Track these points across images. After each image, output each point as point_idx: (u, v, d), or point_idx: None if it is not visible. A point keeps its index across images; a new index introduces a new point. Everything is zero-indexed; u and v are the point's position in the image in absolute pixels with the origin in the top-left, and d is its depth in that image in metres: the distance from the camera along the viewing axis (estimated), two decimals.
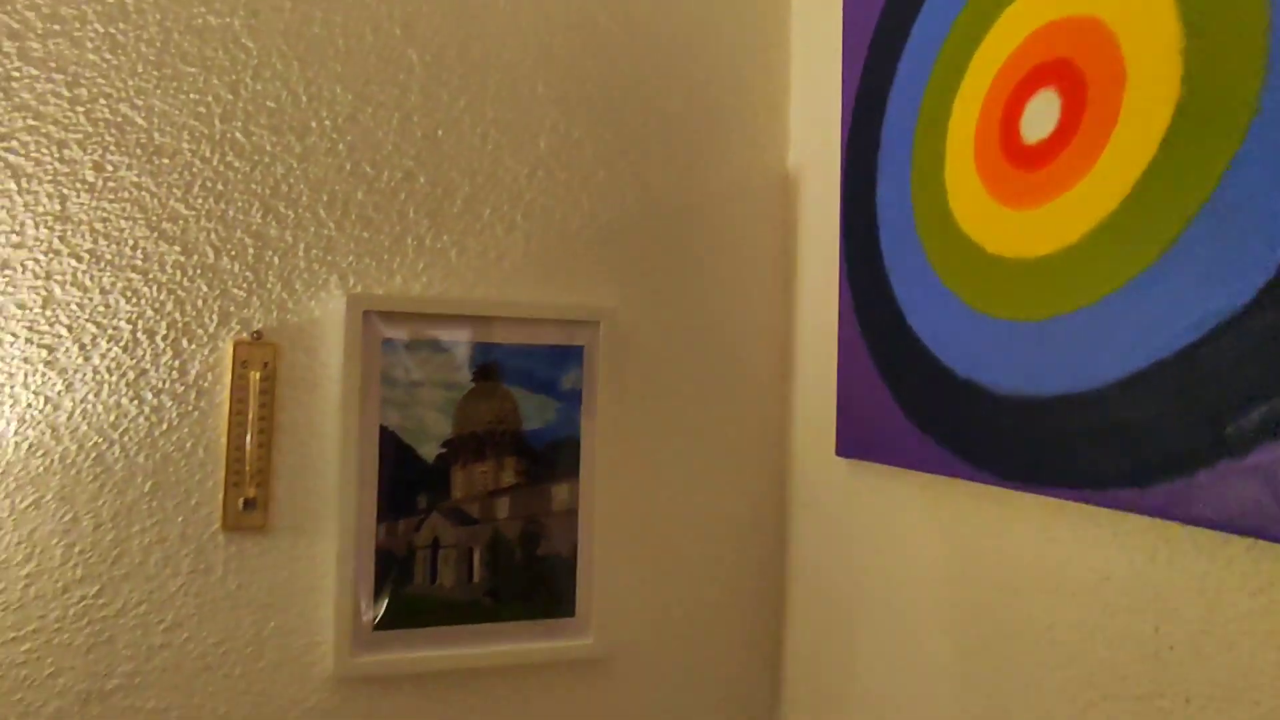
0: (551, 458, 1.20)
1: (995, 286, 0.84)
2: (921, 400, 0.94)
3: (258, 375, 1.10)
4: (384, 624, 1.12)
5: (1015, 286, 0.82)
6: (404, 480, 1.14)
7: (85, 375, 1.05)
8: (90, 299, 1.06)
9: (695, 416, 1.30)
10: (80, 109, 1.06)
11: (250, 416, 1.10)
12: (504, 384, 1.19)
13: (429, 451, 1.15)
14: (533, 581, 1.19)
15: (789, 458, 1.32)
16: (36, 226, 1.04)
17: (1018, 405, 0.81)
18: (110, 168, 1.07)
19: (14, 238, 1.04)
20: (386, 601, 1.12)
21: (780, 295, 1.36)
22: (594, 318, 1.23)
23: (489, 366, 1.19)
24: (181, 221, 1.10)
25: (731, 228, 1.33)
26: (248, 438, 1.09)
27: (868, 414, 1.03)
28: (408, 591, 1.13)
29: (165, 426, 1.08)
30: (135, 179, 1.08)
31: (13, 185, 1.04)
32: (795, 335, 1.33)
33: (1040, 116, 0.82)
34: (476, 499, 1.17)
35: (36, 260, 1.04)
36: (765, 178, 1.36)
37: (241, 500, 1.08)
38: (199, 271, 1.10)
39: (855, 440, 1.08)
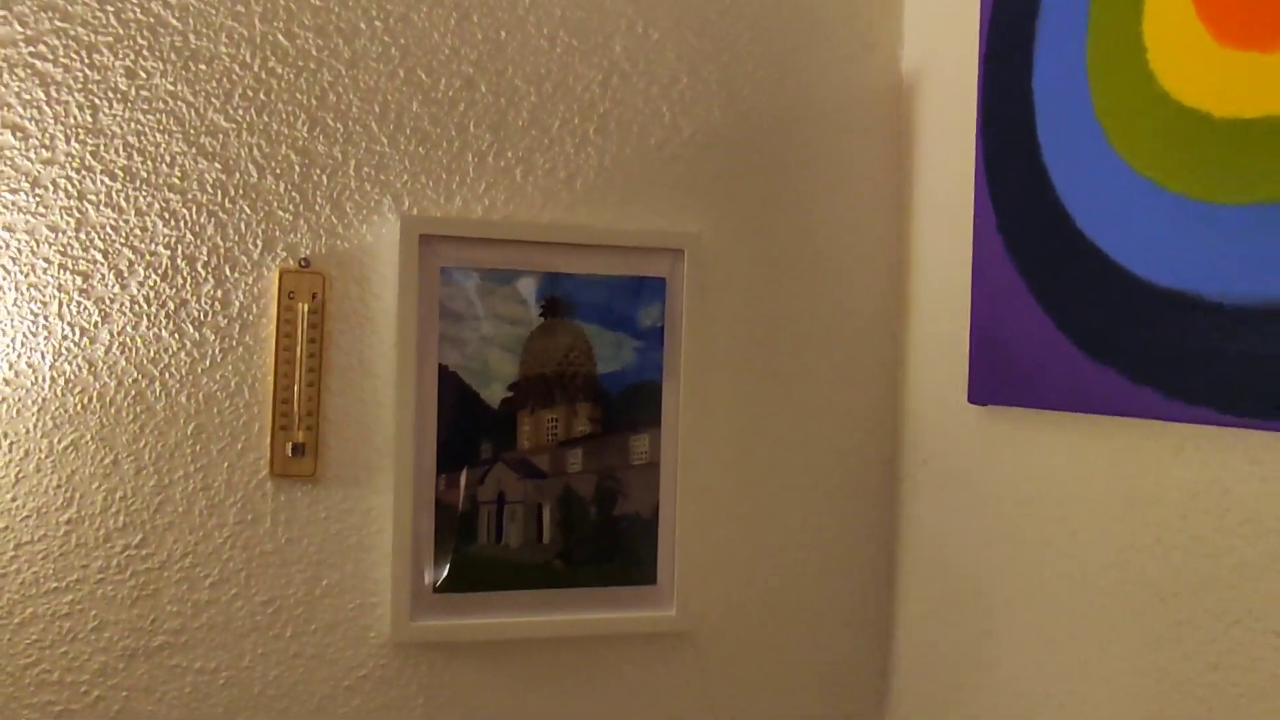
0: (629, 404, 1.05)
1: (1221, 162, 0.64)
2: (1101, 325, 0.75)
3: (305, 307, 0.99)
4: (445, 586, 1.00)
5: (1251, 159, 0.60)
6: (466, 427, 1.01)
7: (123, 305, 0.96)
8: (126, 221, 0.96)
9: (793, 359, 1.13)
10: (110, 8, 0.96)
11: (298, 353, 0.98)
12: (575, 320, 1.04)
13: (493, 395, 1.02)
14: (609, 544, 1.05)
15: (903, 406, 1.15)
16: (68, 140, 0.95)
17: (1247, 317, 0.60)
18: (143, 74, 0.97)
19: (44, 153, 0.94)
20: (449, 562, 1.01)
21: (893, 218, 1.17)
22: (677, 245, 1.07)
23: (558, 300, 1.04)
24: (221, 135, 0.98)
25: (835, 141, 1.15)
26: (296, 376, 0.98)
27: (1017, 350, 0.85)
28: (471, 551, 1.01)
29: (208, 363, 0.98)
30: (170, 87, 0.97)
31: (41, 94, 0.94)
32: (911, 264, 1.14)
33: None
34: (545, 450, 1.04)
35: (69, 178, 0.95)
36: (875, 81, 1.16)
37: (290, 445, 0.98)
38: (241, 192, 0.99)
39: (996, 383, 0.90)
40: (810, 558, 1.15)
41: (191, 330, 0.99)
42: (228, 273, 1.00)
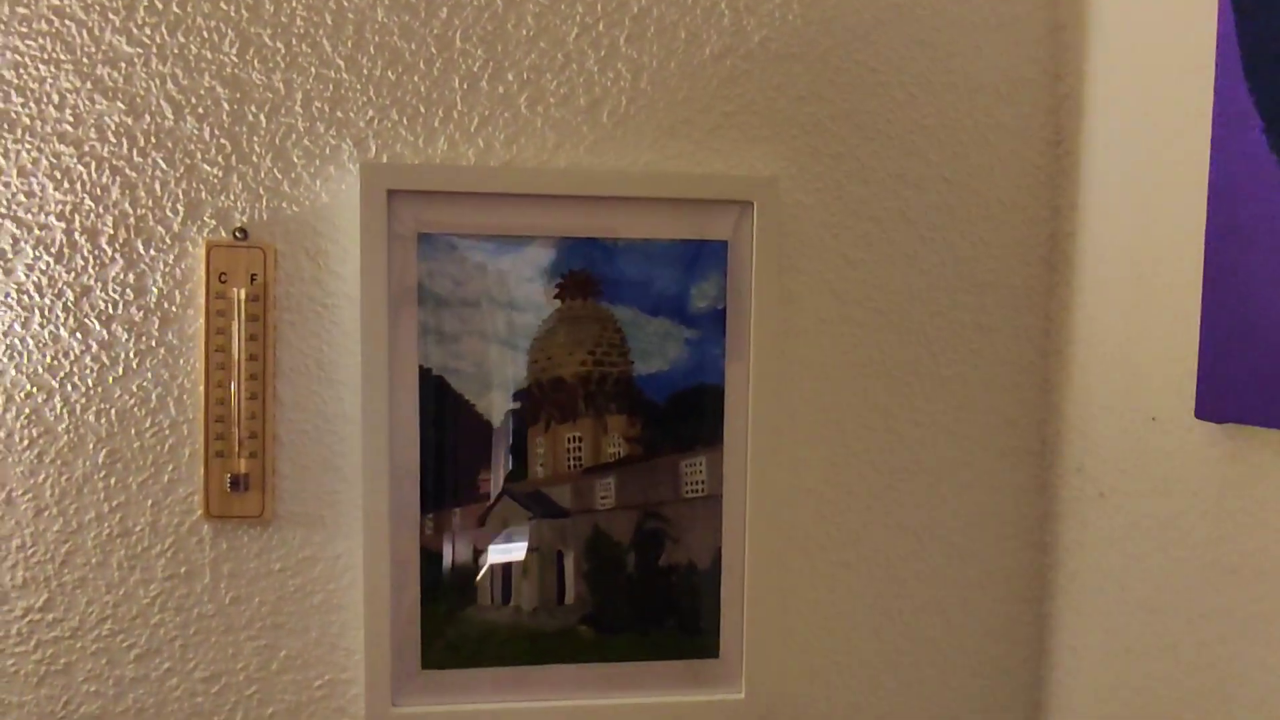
0: (679, 416, 0.77)
1: None
2: None
3: (243, 293, 0.74)
4: (437, 660, 0.76)
5: None
6: (458, 450, 0.76)
7: (7, 296, 0.73)
8: (6, 184, 0.73)
9: (905, 351, 0.82)
10: None
11: (236, 354, 0.74)
12: (604, 303, 0.76)
13: (494, 406, 0.76)
14: (654, 605, 0.78)
15: (1062, 416, 0.82)
16: None
17: None
18: None
19: None
20: (441, 629, 0.76)
21: (1048, 157, 0.83)
22: (743, 196, 0.77)
23: (582, 276, 0.76)
24: (123, 64, 0.73)
25: (963, 42, 0.82)
26: (233, 385, 0.74)
27: None
28: (470, 615, 0.76)
29: (120, 370, 0.74)
30: (55, 1, 0.72)
31: None
32: (1080, 225, 0.79)
33: None
34: (567, 479, 0.77)
35: None
36: None
37: (229, 477, 0.74)
38: (152, 140, 0.74)
39: (1251, 395, 0.56)
40: (927, 622, 0.84)
41: (97, 327, 0.75)
42: (140, 250, 0.76)
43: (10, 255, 0.75)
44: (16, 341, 0.75)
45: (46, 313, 0.76)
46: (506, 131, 0.80)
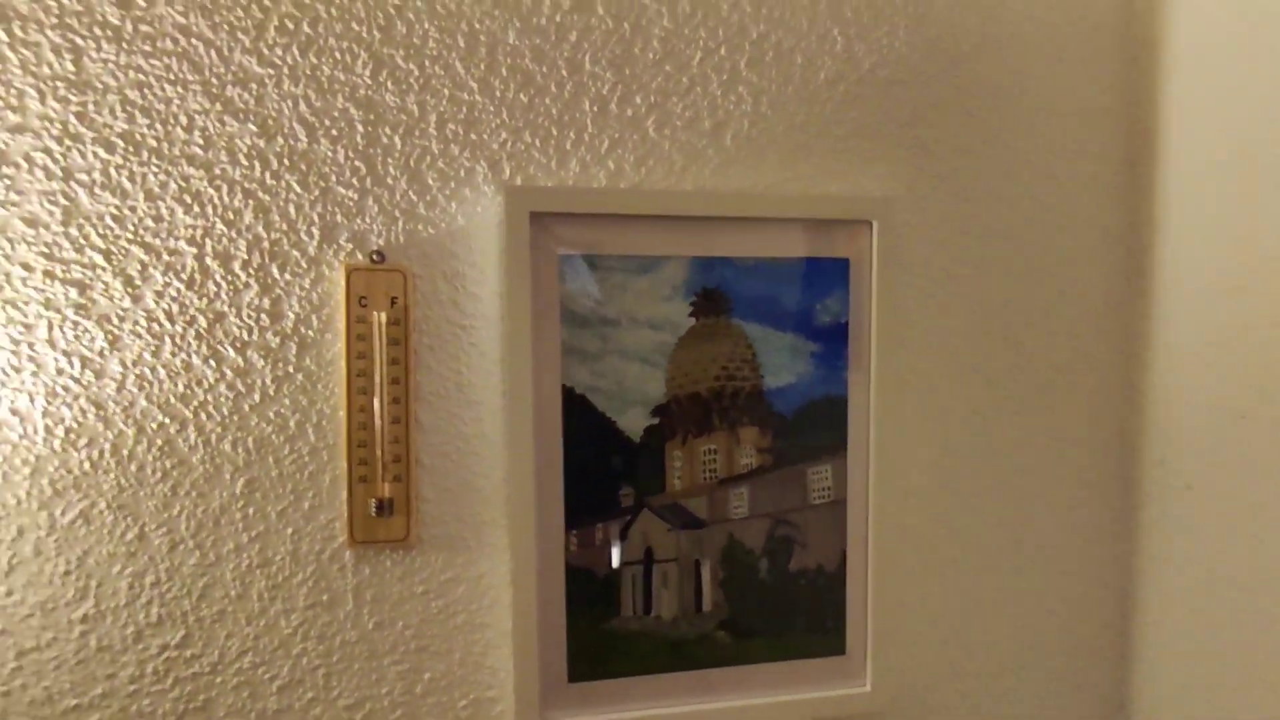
0: (806, 427, 0.78)
1: None
2: None
3: (384, 317, 0.72)
4: (583, 673, 0.75)
5: None
6: (600, 466, 0.74)
7: (136, 324, 0.69)
8: (133, 209, 0.68)
9: (1000, 359, 0.85)
10: None
11: (378, 378, 0.72)
12: (735, 319, 0.77)
13: (634, 423, 0.75)
14: (785, 608, 0.79)
15: (1143, 422, 0.85)
16: (42, 98, 0.67)
17: None
18: (142, 1, 0.68)
19: (10, 116, 0.66)
20: (586, 642, 0.76)
21: (1125, 176, 0.86)
22: (862, 215, 0.78)
23: (715, 294, 0.77)
24: (254, 85, 0.70)
25: (1044, 76, 0.84)
26: (376, 410, 0.72)
27: None
28: (613, 626, 0.76)
29: (257, 397, 0.71)
30: (180, 18, 0.69)
31: (0, 34, 0.66)
32: (1156, 238, 0.84)
33: None
34: (703, 491, 0.77)
35: (48, 150, 0.67)
36: None
37: (374, 502, 0.72)
38: (286, 162, 0.71)
39: None
40: (1024, 609, 0.86)
41: (231, 354, 0.72)
42: (275, 274, 0.72)
43: (139, 282, 0.70)
44: (147, 370, 0.70)
45: (179, 340, 0.71)
46: (635, 154, 0.78)
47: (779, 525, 0.78)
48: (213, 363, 0.70)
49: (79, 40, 0.66)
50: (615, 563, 0.75)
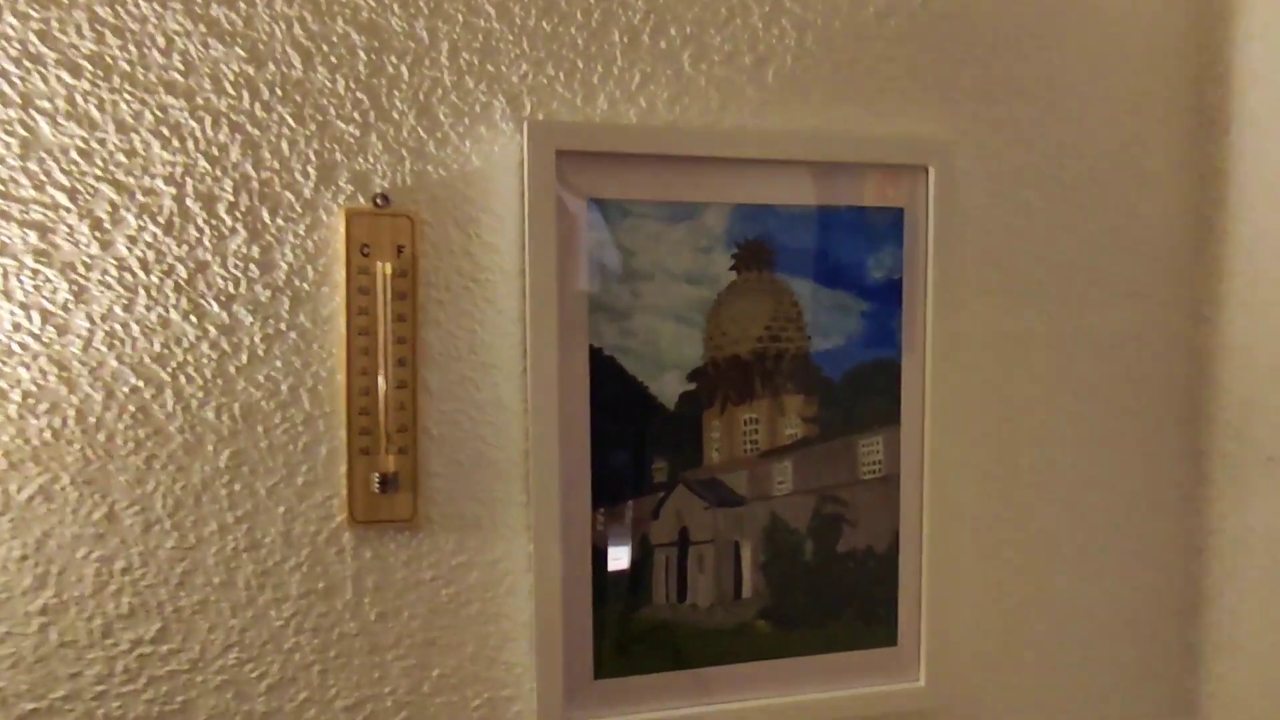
0: (856, 394, 0.71)
1: None
2: None
3: (389, 268, 0.64)
4: (611, 668, 0.67)
5: None
6: (630, 437, 0.66)
7: (106, 273, 0.60)
8: (102, 142, 0.60)
9: (1062, 321, 0.77)
10: None
11: (382, 338, 0.64)
12: (779, 274, 0.70)
13: (668, 389, 0.68)
14: (833, 594, 0.71)
15: (1218, 391, 0.78)
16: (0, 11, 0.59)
17: None
18: None
19: None
20: (615, 634, 0.68)
21: (1195, 124, 0.79)
22: (918, 160, 0.70)
23: (757, 246, 0.69)
24: (243, 4, 0.62)
25: (1113, 13, 0.77)
26: (380, 374, 0.64)
27: None
28: (643, 616, 0.68)
29: (245, 358, 0.62)
30: None
31: None
32: (1229, 192, 0.77)
33: None
34: (743, 464, 0.69)
35: (4, 73, 0.58)
36: None
37: (377, 477, 0.64)
38: (279, 92, 0.62)
39: None
40: (1087, 593, 0.79)
41: (215, 309, 0.63)
42: (265, 219, 0.64)
43: (109, 225, 0.60)
44: (118, 327, 0.61)
45: (154, 293, 0.62)
46: (669, 90, 0.69)
47: (826, 503, 0.71)
48: (193, 318, 0.61)
49: None
50: (648, 544, 0.68)
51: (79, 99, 0.59)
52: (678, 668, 0.68)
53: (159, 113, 0.60)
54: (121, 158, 0.60)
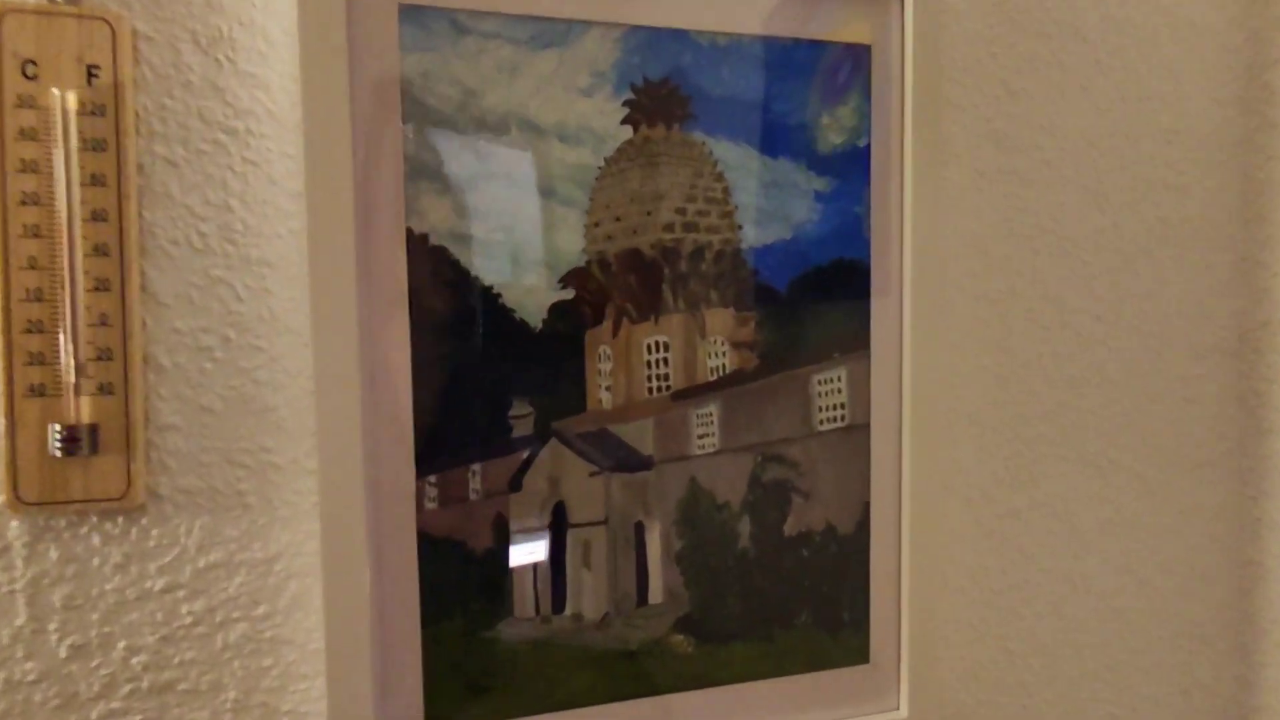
0: (809, 311, 0.50)
1: None
2: None
3: (72, 100, 0.41)
4: (448, 711, 0.47)
5: None
6: (474, 370, 0.45)
7: None
8: None
9: (1080, 219, 0.57)
10: None
11: (63, 209, 0.42)
12: (698, 133, 0.49)
13: (531, 299, 0.45)
14: (780, 594, 0.51)
15: (1276, 315, 0.61)
16: None
17: None
18: None
19: None
20: (452, 661, 0.47)
21: None
22: None
23: (664, 90, 0.48)
24: None
25: None
26: (64, 268, 0.42)
27: None
28: (500, 636, 0.46)
29: None
30: None
31: None
32: None
33: None
34: (648, 410, 0.48)
35: None
36: None
37: (60, 432, 0.42)
38: None
39: None
40: (1118, 583, 0.59)
41: None
42: None
43: None
44: None
45: None
46: None
47: (768, 465, 0.51)
48: None
49: None
50: (504, 528, 0.47)
51: None
52: (556, 708, 0.48)
53: None
54: None
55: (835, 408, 0.50)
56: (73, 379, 0.40)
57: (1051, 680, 0.59)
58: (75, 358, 0.40)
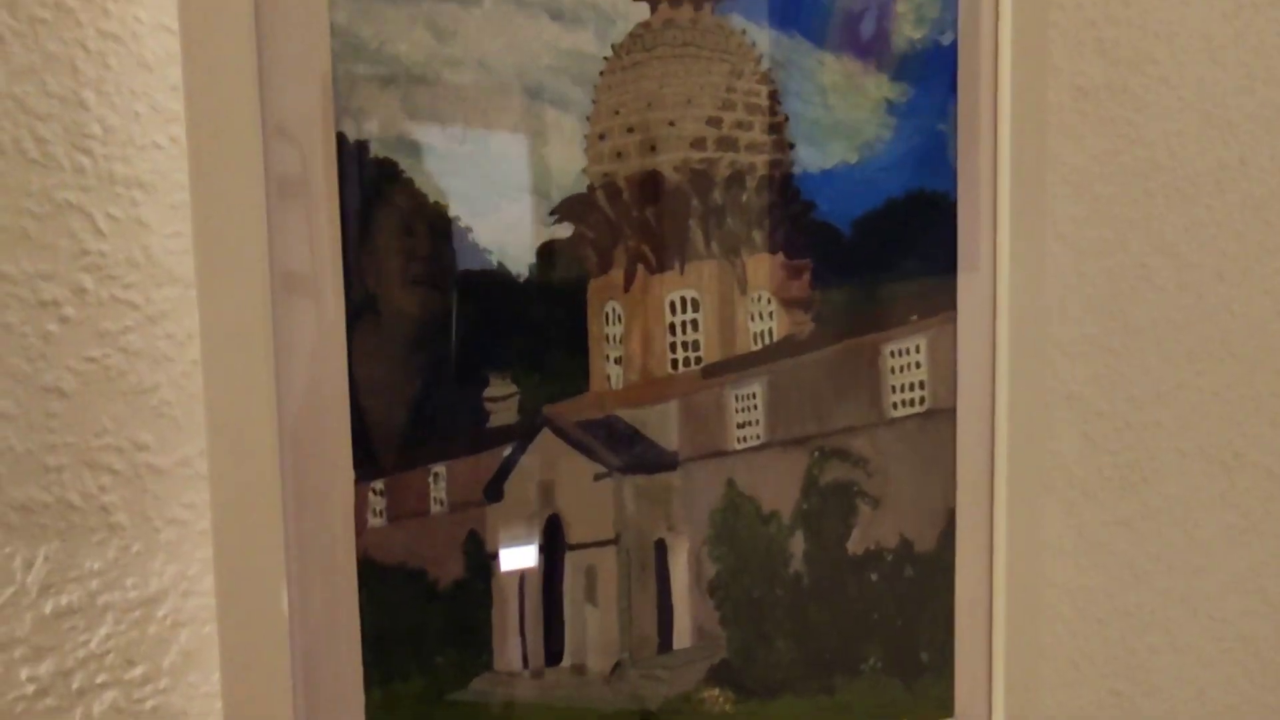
0: (880, 259, 0.39)
1: None
2: None
3: None
4: None
5: None
6: (435, 334, 0.33)
7: None
8: None
9: (1202, 152, 0.44)
10: None
11: None
12: (737, 16, 0.38)
13: (514, 237, 0.33)
14: (842, 632, 0.40)
15: None
16: None
17: None
18: None
19: None
20: None
21: None
22: None
23: None
24: None
25: None
26: None
27: None
28: (477, 694, 0.35)
29: None
30: None
31: None
32: None
33: None
34: (670, 390, 0.36)
35: None
36: None
37: None
38: None
39: None
40: (1250, 610, 0.47)
41: None
42: None
43: None
44: None
45: None
46: None
47: (828, 462, 0.39)
48: None
49: None
50: (481, 552, 0.35)
51: None
52: None
53: None
54: None
55: (912, 387, 0.39)
56: None
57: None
58: None
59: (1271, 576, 0.50)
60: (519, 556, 0.34)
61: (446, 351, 0.33)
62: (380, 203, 0.32)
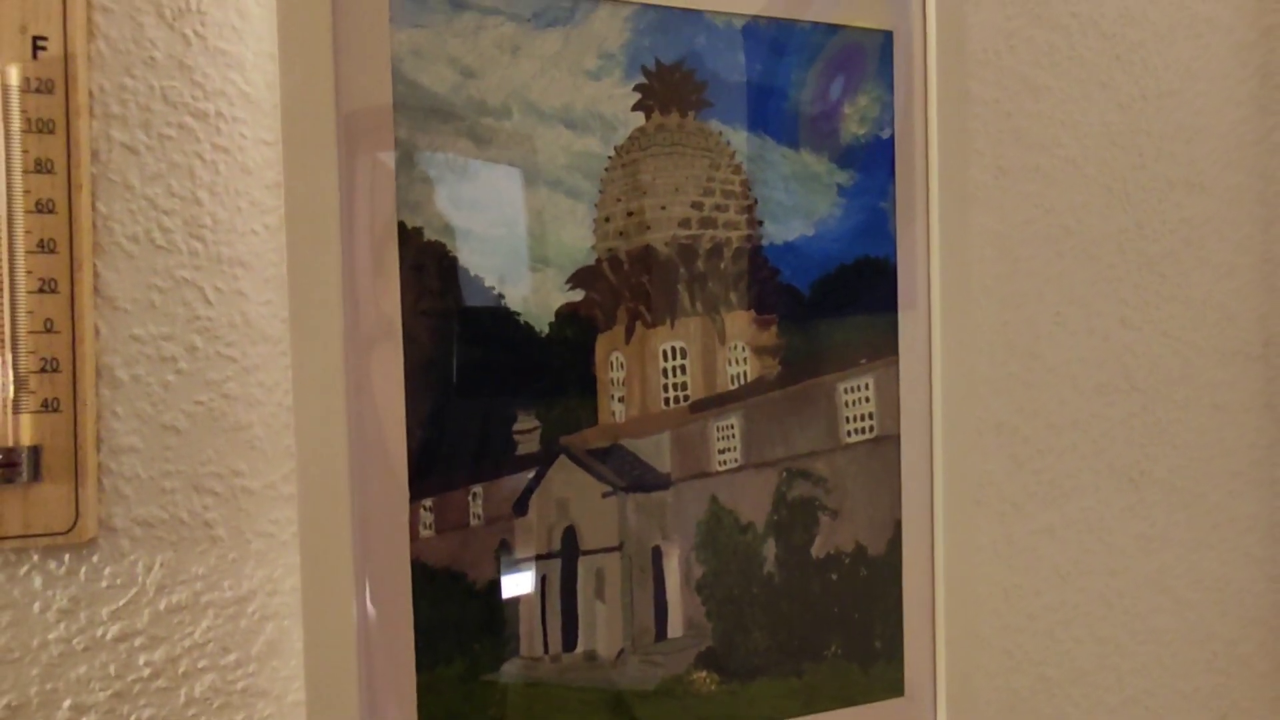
0: (834, 312, 0.46)
1: None
2: None
3: (15, 75, 0.36)
4: None
5: None
6: (475, 381, 0.40)
7: None
8: None
9: (1104, 220, 0.54)
10: None
11: (1, 202, 0.37)
12: (715, 121, 0.45)
13: (537, 300, 0.41)
14: (809, 622, 0.47)
15: None
16: None
17: None
18: None
19: None
20: (454, 708, 0.41)
21: None
22: None
23: (677, 76, 0.44)
24: None
25: None
26: (3, 264, 0.36)
27: None
28: (508, 677, 0.41)
29: None
30: None
31: None
32: None
33: None
34: (665, 422, 0.44)
35: None
36: None
37: None
38: None
39: None
40: (1158, 604, 0.55)
41: None
42: None
43: None
44: None
45: None
46: None
47: (794, 481, 0.46)
48: None
49: None
50: (510, 555, 0.42)
51: None
52: None
53: None
54: None
55: (863, 418, 0.46)
56: (11, 394, 0.34)
57: (1092, 710, 0.55)
58: (14, 369, 0.35)
59: (1177, 577, 0.57)
60: (541, 561, 0.41)
61: (483, 393, 0.40)
62: (429, 277, 0.39)
